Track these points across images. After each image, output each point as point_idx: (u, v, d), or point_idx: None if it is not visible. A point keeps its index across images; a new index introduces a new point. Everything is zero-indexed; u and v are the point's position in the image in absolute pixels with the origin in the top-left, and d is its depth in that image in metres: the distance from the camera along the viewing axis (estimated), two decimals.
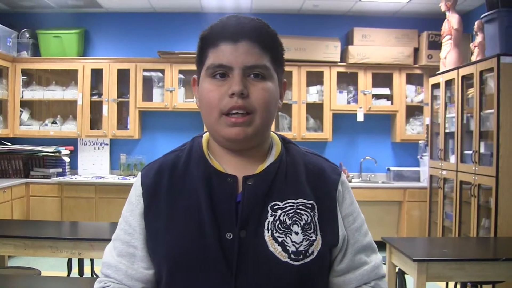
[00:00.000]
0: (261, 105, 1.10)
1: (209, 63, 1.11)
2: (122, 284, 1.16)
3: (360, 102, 6.03)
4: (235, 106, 1.08)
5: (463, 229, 4.65)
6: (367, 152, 6.28)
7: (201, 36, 1.15)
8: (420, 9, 5.94)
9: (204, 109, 1.13)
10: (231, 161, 1.17)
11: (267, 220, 1.10)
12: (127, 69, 5.97)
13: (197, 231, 1.10)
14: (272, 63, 1.13)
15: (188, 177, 1.16)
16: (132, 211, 1.18)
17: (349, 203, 1.20)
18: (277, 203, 1.12)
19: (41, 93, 6.05)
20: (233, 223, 1.09)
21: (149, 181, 1.18)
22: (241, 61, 1.09)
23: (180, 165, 1.19)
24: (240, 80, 1.08)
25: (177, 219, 1.12)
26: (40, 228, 3.55)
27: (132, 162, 6.18)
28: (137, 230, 1.17)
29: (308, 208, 1.13)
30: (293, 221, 1.11)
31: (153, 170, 1.20)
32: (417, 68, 6.06)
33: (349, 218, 1.19)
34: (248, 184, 1.13)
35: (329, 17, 6.28)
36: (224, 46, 1.10)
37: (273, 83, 1.13)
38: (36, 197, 5.70)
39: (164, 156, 1.24)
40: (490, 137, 4.21)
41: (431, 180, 5.47)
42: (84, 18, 6.23)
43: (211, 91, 1.10)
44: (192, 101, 6.00)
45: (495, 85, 4.03)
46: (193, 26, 6.22)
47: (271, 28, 1.15)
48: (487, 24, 4.35)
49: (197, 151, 1.19)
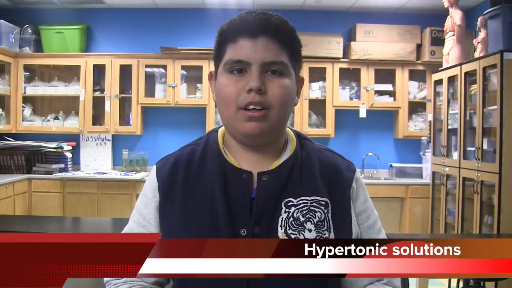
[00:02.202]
0: (278, 102, 1.10)
1: (227, 58, 1.11)
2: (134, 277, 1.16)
3: (363, 98, 6.01)
4: (252, 102, 1.08)
5: (466, 226, 4.65)
6: (369, 149, 6.27)
7: (220, 31, 1.15)
8: (423, 5, 5.92)
9: (221, 103, 1.13)
10: (247, 157, 1.17)
11: (281, 216, 1.11)
12: (129, 65, 5.97)
13: (211, 226, 1.10)
14: (290, 59, 1.13)
15: (203, 172, 1.16)
16: (147, 204, 1.19)
17: (363, 200, 1.20)
18: (291, 200, 1.12)
19: (44, 88, 6.04)
20: (247, 219, 1.09)
21: (165, 175, 1.18)
22: (259, 57, 1.09)
23: (195, 159, 1.19)
24: (258, 76, 1.08)
25: (191, 214, 1.12)
26: (42, 224, 3.56)
27: (134, 158, 6.17)
28: (152, 223, 1.17)
29: (322, 205, 1.13)
30: (306, 218, 1.11)
31: (169, 164, 1.20)
32: (419, 65, 6.04)
33: (363, 216, 1.19)
34: (263, 180, 1.13)
35: (332, 13, 6.26)
36: (243, 42, 1.10)
37: (291, 79, 1.13)
38: (38, 193, 5.71)
39: (179, 150, 1.24)
40: (493, 134, 4.20)
41: (433, 176, 5.47)
42: (87, 14, 6.22)
43: (229, 86, 1.10)
44: (195, 97, 6.00)
45: (498, 82, 4.02)
46: (196, 22, 6.22)
47: (290, 24, 1.15)
48: (490, 20, 4.33)
49: (213, 145, 1.19)
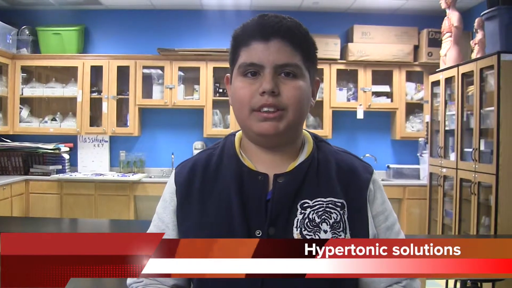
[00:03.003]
0: (293, 103, 1.11)
1: (241, 61, 1.13)
2: (154, 280, 1.17)
3: (360, 100, 6.02)
4: (265, 104, 1.09)
5: (463, 227, 4.66)
6: (367, 150, 6.28)
7: (234, 35, 1.17)
8: (420, 6, 5.93)
9: (236, 106, 1.14)
10: (263, 159, 1.18)
11: (296, 218, 1.11)
12: (126, 66, 5.96)
13: (227, 228, 1.11)
14: (304, 61, 1.14)
15: (220, 175, 1.18)
16: (166, 208, 1.21)
17: (381, 202, 1.20)
18: (307, 201, 1.13)
19: (41, 90, 6.03)
20: (262, 220, 1.10)
21: (183, 179, 1.20)
22: (272, 59, 1.10)
23: (212, 163, 1.20)
24: (271, 79, 1.09)
25: (208, 217, 1.14)
26: (40, 225, 3.55)
27: (132, 159, 6.17)
28: (170, 226, 1.19)
29: (338, 207, 1.13)
30: (322, 219, 1.12)
31: (187, 168, 1.22)
32: (417, 66, 6.05)
33: (380, 217, 1.19)
34: (279, 182, 1.13)
35: (329, 14, 6.27)
36: (256, 45, 1.11)
37: (305, 81, 1.14)
38: (35, 194, 5.70)
39: (197, 154, 1.26)
40: (490, 135, 4.21)
41: (431, 177, 5.48)
42: (84, 15, 6.22)
43: (242, 89, 1.12)
44: (192, 98, 6.00)
45: (495, 83, 4.03)
46: (193, 23, 6.22)
47: (303, 27, 1.16)
48: (487, 22, 4.35)
49: (230, 149, 1.20)
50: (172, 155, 5.98)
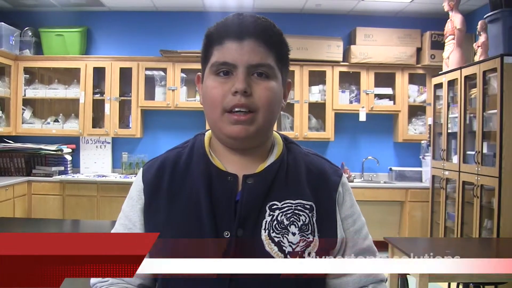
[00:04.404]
0: (264, 104, 1.10)
1: (214, 60, 1.11)
2: (120, 279, 1.15)
3: (363, 102, 6.02)
4: (237, 104, 1.08)
5: (465, 229, 4.64)
6: (369, 152, 6.27)
7: (207, 33, 1.15)
8: (423, 9, 5.93)
9: (207, 106, 1.13)
10: (233, 160, 1.17)
11: (265, 219, 1.10)
12: (129, 67, 5.97)
13: (195, 228, 1.10)
14: (277, 62, 1.13)
15: (189, 174, 1.16)
16: (133, 206, 1.19)
17: (349, 205, 1.19)
18: (276, 203, 1.12)
19: (43, 91, 6.05)
20: (231, 221, 1.09)
21: (150, 177, 1.18)
22: (245, 59, 1.09)
23: (181, 162, 1.19)
24: (244, 78, 1.08)
25: (176, 216, 1.12)
26: (42, 227, 3.55)
27: (134, 160, 6.17)
28: (137, 225, 1.17)
29: (307, 209, 1.13)
30: (290, 222, 1.11)
31: (155, 166, 1.20)
32: (419, 68, 6.04)
33: (349, 220, 1.18)
34: (248, 183, 1.12)
35: (332, 16, 6.27)
36: (229, 44, 1.10)
37: (277, 82, 1.13)
38: (38, 195, 5.70)
39: (166, 153, 1.24)
40: (493, 138, 4.20)
41: (433, 180, 5.46)
42: (87, 17, 6.23)
43: (215, 88, 1.10)
44: (194, 100, 6.00)
45: (498, 86, 4.02)
46: (196, 25, 6.21)
47: (277, 27, 1.15)
48: (490, 24, 4.34)
49: (199, 148, 1.19)
50: None
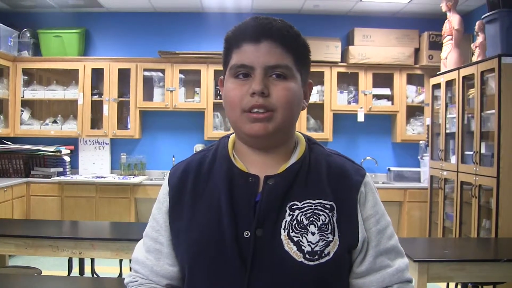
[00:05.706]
0: (282, 104, 1.11)
1: (232, 63, 1.14)
2: (148, 280, 1.21)
3: (361, 102, 6.03)
4: (255, 105, 1.10)
5: (464, 229, 4.65)
6: (367, 153, 6.28)
7: (225, 37, 1.18)
8: (421, 9, 5.94)
9: (227, 107, 1.16)
10: (255, 161, 1.19)
11: (285, 219, 1.11)
12: (127, 68, 5.97)
13: (216, 229, 1.12)
14: (295, 63, 1.14)
15: (212, 176, 1.19)
16: (160, 208, 1.23)
17: (372, 204, 1.19)
18: (296, 203, 1.13)
19: (42, 92, 6.05)
20: (251, 222, 1.11)
21: (175, 180, 1.22)
22: (262, 61, 1.11)
23: (205, 165, 1.22)
24: (261, 80, 1.10)
25: (198, 218, 1.15)
26: (41, 228, 3.55)
27: (133, 161, 6.18)
28: (163, 227, 1.21)
29: (327, 209, 1.13)
30: (310, 221, 1.11)
31: (180, 170, 1.23)
32: (417, 69, 6.05)
33: (371, 220, 1.17)
34: (269, 184, 1.14)
35: (330, 17, 6.28)
36: (247, 47, 1.12)
37: (296, 83, 1.14)
38: (36, 197, 5.70)
39: (191, 156, 1.28)
40: (491, 138, 4.21)
41: (431, 180, 5.47)
42: (85, 18, 6.23)
43: (233, 90, 1.13)
44: (193, 101, 6.01)
45: (496, 86, 4.03)
46: (194, 26, 6.23)
47: (294, 29, 1.16)
48: (488, 25, 4.35)
49: (223, 151, 1.22)
50: (173, 158, 5.97)
